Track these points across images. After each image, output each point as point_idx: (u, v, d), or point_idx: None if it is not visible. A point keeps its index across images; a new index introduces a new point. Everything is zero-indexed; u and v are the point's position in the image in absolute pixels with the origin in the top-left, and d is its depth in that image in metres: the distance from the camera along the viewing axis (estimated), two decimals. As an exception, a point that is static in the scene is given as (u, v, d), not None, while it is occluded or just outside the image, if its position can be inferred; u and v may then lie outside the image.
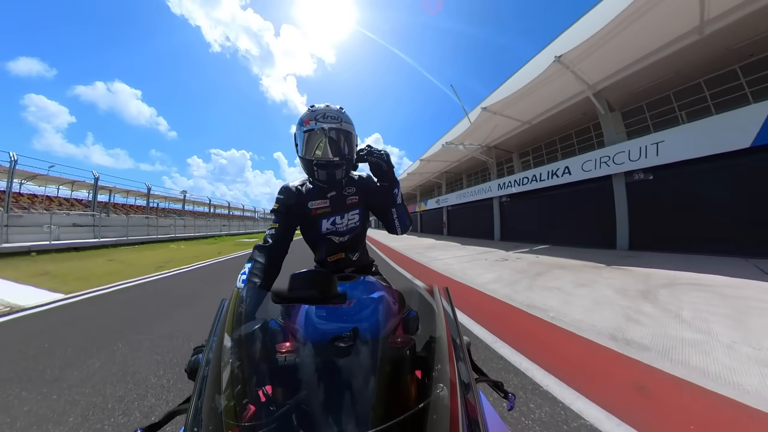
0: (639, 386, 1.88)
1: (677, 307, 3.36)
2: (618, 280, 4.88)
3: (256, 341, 0.59)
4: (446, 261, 8.38)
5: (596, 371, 2.11)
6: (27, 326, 3.19)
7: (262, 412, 0.50)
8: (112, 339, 2.77)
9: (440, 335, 0.56)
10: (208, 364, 0.51)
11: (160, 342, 2.68)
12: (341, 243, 1.28)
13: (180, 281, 6.06)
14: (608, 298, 3.90)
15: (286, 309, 0.78)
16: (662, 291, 4.09)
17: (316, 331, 0.67)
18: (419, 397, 0.51)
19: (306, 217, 1.23)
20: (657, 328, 2.79)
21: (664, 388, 1.85)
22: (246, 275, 0.99)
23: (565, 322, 3.06)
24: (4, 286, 5.30)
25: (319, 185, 1.24)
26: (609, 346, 2.47)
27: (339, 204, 1.25)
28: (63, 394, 1.87)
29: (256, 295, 0.76)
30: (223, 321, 0.59)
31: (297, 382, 0.53)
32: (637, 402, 1.73)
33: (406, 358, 0.57)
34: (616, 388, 1.89)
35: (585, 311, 3.40)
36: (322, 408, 0.48)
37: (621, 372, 2.08)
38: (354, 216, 1.28)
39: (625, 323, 2.96)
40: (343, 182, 1.26)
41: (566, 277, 5.38)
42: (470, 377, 0.52)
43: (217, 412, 0.43)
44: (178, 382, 1.98)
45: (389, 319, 0.73)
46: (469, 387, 0.49)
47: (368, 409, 0.47)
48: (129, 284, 5.58)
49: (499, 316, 3.43)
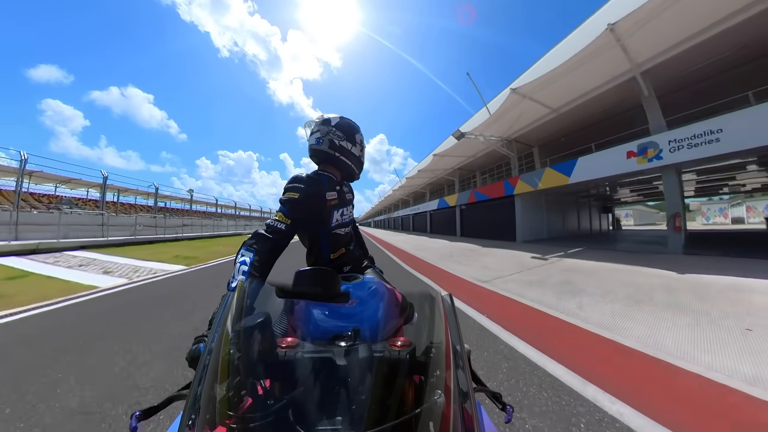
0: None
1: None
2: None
3: (258, 334, 0.56)
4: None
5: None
6: (182, 278, 6.22)
7: (259, 405, 0.50)
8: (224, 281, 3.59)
9: (440, 341, 0.56)
10: (209, 353, 0.52)
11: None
12: (346, 234, 1.37)
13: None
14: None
15: (289, 304, 0.81)
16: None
17: (317, 328, 0.70)
18: (416, 402, 0.51)
19: (321, 209, 1.22)
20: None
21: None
22: (248, 267, 0.94)
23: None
24: (154, 264, 8.19)
25: (328, 176, 1.28)
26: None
27: (345, 196, 1.34)
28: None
29: (259, 288, 0.72)
30: (226, 312, 0.59)
31: (295, 377, 0.54)
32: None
33: (404, 362, 0.54)
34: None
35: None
36: (318, 406, 0.49)
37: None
38: (350, 209, 1.41)
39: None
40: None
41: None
42: (469, 386, 0.52)
43: (215, 401, 0.44)
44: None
45: (390, 321, 0.78)
46: (467, 396, 0.50)
47: (364, 411, 0.47)
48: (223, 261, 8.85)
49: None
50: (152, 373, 2.11)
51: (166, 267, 7.63)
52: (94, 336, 2.88)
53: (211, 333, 0.59)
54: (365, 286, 0.88)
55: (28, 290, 4.84)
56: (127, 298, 4.43)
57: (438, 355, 0.53)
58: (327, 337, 0.64)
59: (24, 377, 2.10)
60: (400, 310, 0.81)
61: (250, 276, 0.92)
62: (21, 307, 3.86)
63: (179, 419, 0.46)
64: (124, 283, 5.46)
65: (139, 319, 3.43)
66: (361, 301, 0.78)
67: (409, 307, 0.85)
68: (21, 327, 3.20)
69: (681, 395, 1.81)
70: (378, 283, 0.92)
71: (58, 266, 7.39)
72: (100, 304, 4.13)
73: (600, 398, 1.77)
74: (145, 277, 6.19)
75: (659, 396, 1.80)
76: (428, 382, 0.49)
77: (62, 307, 3.91)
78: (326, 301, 0.66)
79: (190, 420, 0.43)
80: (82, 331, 3.02)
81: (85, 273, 6.59)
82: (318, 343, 0.61)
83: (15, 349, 2.61)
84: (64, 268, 7.20)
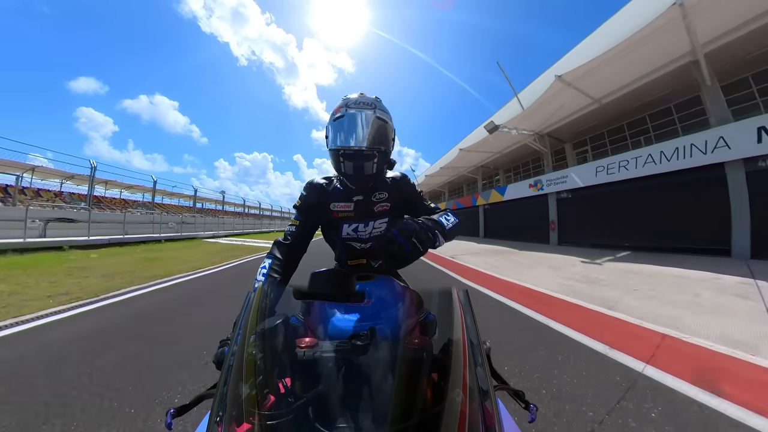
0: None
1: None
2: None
3: (278, 335, 0.61)
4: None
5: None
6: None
7: (281, 403, 0.51)
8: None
9: (458, 338, 0.55)
10: (233, 355, 0.53)
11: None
12: (362, 250, 1.22)
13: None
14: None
15: (306, 306, 0.82)
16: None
17: (334, 328, 0.70)
18: (435, 400, 0.50)
19: (327, 218, 1.16)
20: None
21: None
22: (266, 270, 0.99)
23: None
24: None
25: (346, 186, 1.14)
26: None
27: (364, 210, 1.15)
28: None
29: (277, 291, 0.76)
30: (247, 315, 0.60)
31: (315, 376, 0.55)
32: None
33: (422, 360, 0.56)
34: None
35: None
36: (338, 404, 0.50)
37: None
38: (381, 225, 1.18)
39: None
40: (373, 185, 1.15)
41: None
42: (489, 384, 0.51)
43: (240, 399, 0.45)
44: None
45: (407, 319, 0.76)
46: (488, 394, 0.49)
47: (383, 409, 0.48)
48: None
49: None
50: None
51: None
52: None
53: (233, 335, 0.61)
54: (380, 285, 0.89)
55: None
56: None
57: (456, 352, 0.52)
58: (344, 337, 0.63)
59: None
60: (416, 307, 0.81)
61: (269, 279, 0.97)
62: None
63: (208, 416, 0.47)
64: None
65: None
66: (377, 300, 0.80)
67: (425, 305, 0.83)
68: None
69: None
70: (393, 282, 0.94)
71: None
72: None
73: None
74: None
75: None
76: (446, 380, 0.47)
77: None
78: (342, 302, 0.66)
79: (218, 417, 0.44)
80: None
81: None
82: (336, 343, 0.61)
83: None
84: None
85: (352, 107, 1.00)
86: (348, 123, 1.00)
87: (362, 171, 1.03)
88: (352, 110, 0.99)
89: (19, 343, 2.65)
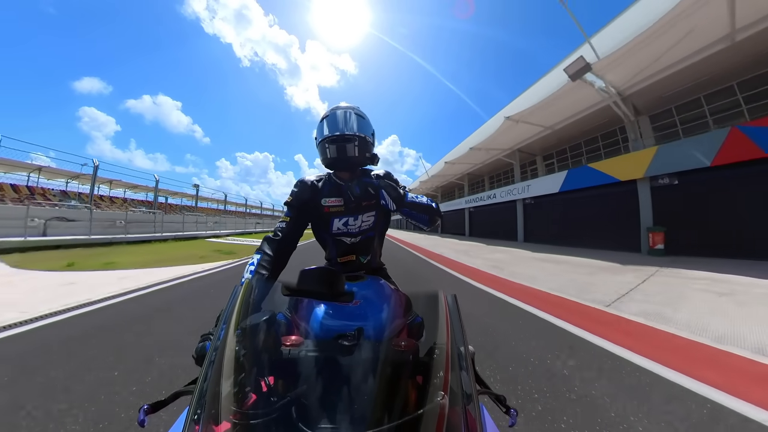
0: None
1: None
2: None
3: (263, 332, 0.60)
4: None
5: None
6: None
7: (263, 402, 0.51)
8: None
9: (444, 342, 0.55)
10: (215, 350, 0.53)
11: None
12: (352, 244, 1.24)
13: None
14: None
15: (293, 303, 0.79)
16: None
17: (321, 327, 0.68)
18: (418, 403, 0.50)
19: (318, 214, 1.20)
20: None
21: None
22: (254, 266, 1.00)
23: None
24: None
25: (335, 181, 1.22)
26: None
27: (354, 204, 1.20)
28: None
29: (265, 287, 0.77)
30: (231, 310, 0.60)
31: (299, 375, 0.55)
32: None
33: (408, 363, 0.57)
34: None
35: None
36: (321, 404, 0.50)
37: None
38: (369, 218, 1.23)
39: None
40: (361, 181, 1.22)
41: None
42: (473, 388, 0.52)
43: (220, 397, 0.45)
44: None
45: (394, 321, 0.73)
46: (471, 398, 0.49)
47: (366, 410, 0.48)
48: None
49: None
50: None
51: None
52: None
53: (216, 330, 0.60)
54: (370, 286, 0.89)
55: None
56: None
57: (441, 356, 0.53)
58: (331, 336, 0.62)
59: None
60: (404, 310, 0.78)
61: (257, 275, 0.97)
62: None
63: (185, 414, 0.48)
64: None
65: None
66: (366, 300, 0.79)
67: (413, 307, 0.81)
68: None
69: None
70: (383, 284, 0.94)
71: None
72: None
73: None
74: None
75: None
76: (431, 383, 0.49)
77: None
78: (330, 300, 0.67)
79: (196, 415, 0.43)
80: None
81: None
82: (322, 342, 0.62)
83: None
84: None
85: (336, 109, 1.16)
86: (331, 118, 1.14)
87: (345, 152, 1.12)
88: (335, 110, 1.16)
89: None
